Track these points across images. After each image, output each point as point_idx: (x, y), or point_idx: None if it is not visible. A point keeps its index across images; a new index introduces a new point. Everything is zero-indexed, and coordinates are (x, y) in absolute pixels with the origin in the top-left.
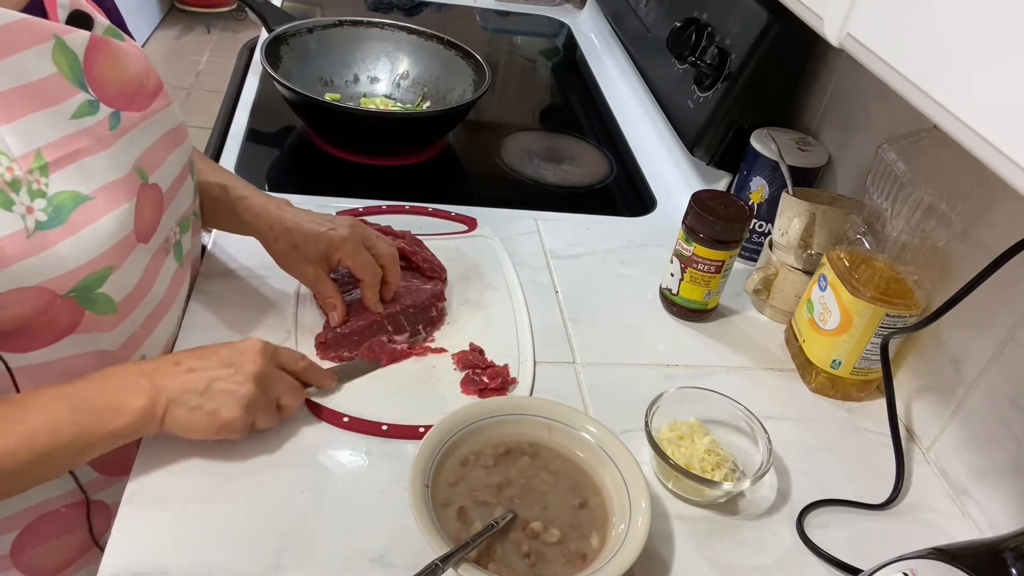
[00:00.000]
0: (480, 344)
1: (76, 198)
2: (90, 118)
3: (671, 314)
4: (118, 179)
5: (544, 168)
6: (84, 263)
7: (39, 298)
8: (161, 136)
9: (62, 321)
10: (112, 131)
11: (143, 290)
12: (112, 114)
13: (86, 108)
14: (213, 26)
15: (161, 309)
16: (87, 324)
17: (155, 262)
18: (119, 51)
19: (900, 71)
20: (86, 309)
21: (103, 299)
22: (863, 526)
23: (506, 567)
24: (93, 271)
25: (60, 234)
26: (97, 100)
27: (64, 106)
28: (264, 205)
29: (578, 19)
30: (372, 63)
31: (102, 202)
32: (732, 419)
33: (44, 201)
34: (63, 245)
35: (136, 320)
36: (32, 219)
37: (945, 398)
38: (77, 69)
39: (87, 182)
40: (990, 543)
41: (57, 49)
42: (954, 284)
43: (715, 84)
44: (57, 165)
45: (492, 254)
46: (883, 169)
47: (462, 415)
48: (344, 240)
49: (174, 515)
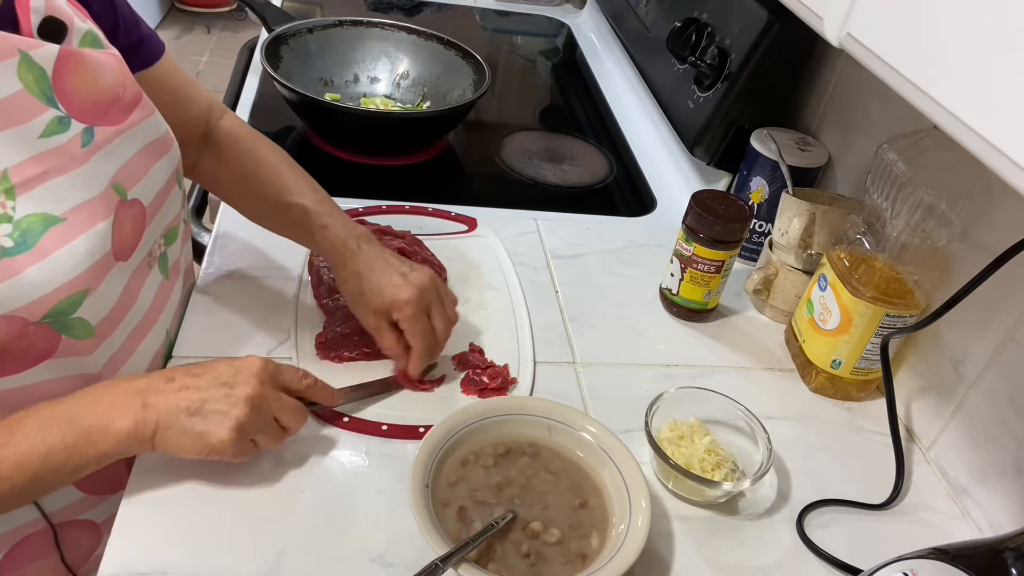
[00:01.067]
0: (480, 344)
1: (46, 220)
2: (60, 136)
3: (671, 314)
4: (93, 198)
5: (544, 168)
6: (56, 288)
7: (10, 326)
8: (141, 149)
9: (39, 347)
10: (85, 148)
11: (123, 309)
12: (85, 130)
13: (55, 126)
14: (213, 26)
15: (145, 325)
16: (64, 349)
17: (136, 279)
18: (92, 63)
19: (900, 71)
20: (62, 334)
21: (79, 323)
22: (863, 526)
23: (506, 567)
24: (66, 295)
25: (28, 259)
26: (68, 116)
27: (32, 124)
28: (344, 240)
29: (578, 19)
30: (372, 63)
31: (74, 223)
32: (732, 419)
33: (10, 226)
34: (32, 271)
35: (116, 341)
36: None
37: (945, 398)
38: (45, 85)
39: (58, 203)
40: (990, 543)
41: (23, 65)
42: (954, 284)
43: (715, 84)
44: (25, 187)
45: (492, 254)
46: (883, 169)
47: (462, 415)
48: (406, 303)
49: (174, 515)
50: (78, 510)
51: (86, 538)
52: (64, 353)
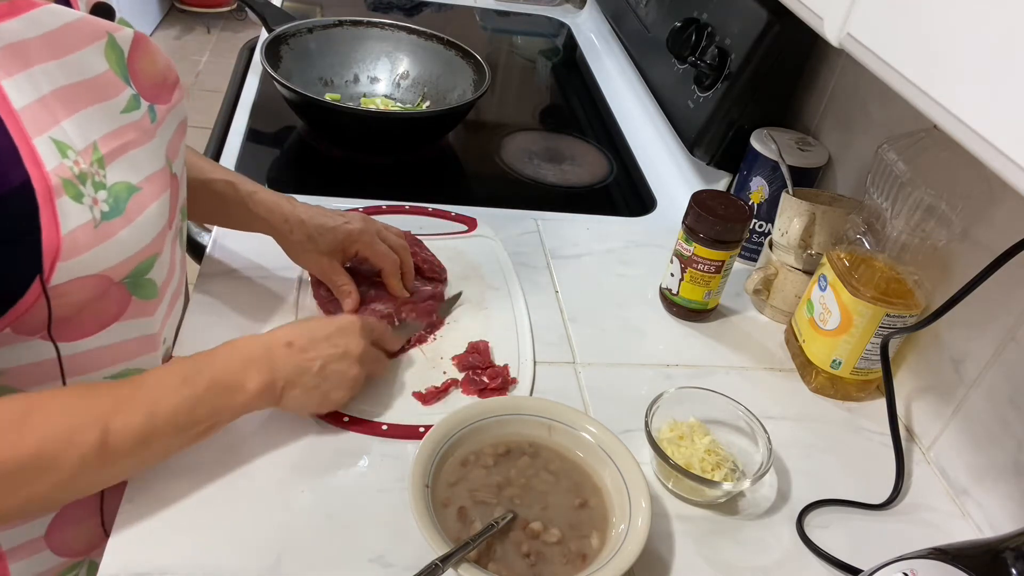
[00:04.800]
0: (480, 344)
1: (129, 188)
2: (136, 112)
3: (671, 314)
4: (158, 170)
5: (544, 168)
6: (139, 250)
7: (98, 286)
8: (177, 126)
9: (111, 309)
10: (152, 124)
11: (172, 274)
12: (149, 107)
13: (133, 103)
14: (213, 26)
15: (178, 292)
16: (132, 310)
17: (174, 246)
18: (152, 46)
19: (900, 71)
20: (133, 295)
21: (149, 284)
22: (863, 526)
23: (506, 567)
24: (145, 257)
25: (120, 223)
26: (138, 95)
27: (115, 101)
28: (276, 199)
29: (578, 19)
30: (372, 63)
31: (148, 192)
32: (732, 419)
33: (105, 192)
34: (123, 233)
35: (166, 303)
36: (98, 210)
37: (945, 398)
38: (123, 65)
39: (136, 173)
40: (990, 543)
41: (109, 46)
42: (954, 284)
43: (715, 84)
44: (111, 157)
45: (492, 254)
46: (883, 169)
47: (462, 415)
48: (361, 232)
49: (174, 515)
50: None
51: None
52: (132, 315)
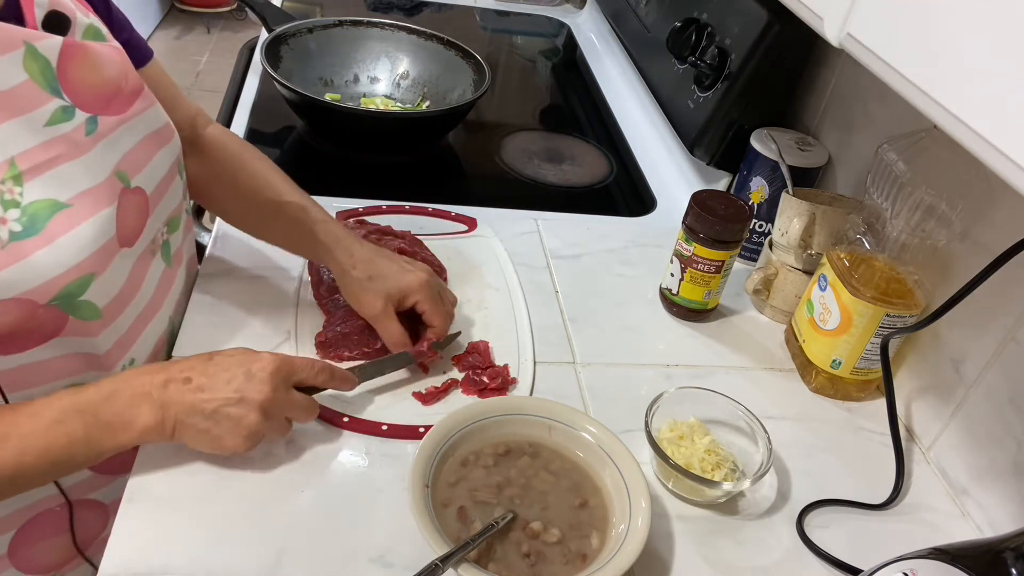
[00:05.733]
0: (480, 344)
1: (53, 206)
2: (66, 124)
3: (671, 314)
4: (96, 184)
5: (544, 168)
6: (63, 271)
7: (20, 308)
8: (143, 138)
9: (47, 327)
10: (89, 136)
11: (129, 294)
12: (89, 119)
13: (60, 114)
14: (213, 26)
15: (150, 311)
16: (71, 329)
17: (141, 265)
18: (94, 54)
19: (900, 71)
20: (70, 315)
21: (87, 306)
22: (863, 526)
23: (506, 567)
24: (74, 278)
25: (36, 243)
26: (72, 106)
27: (37, 113)
28: (344, 233)
29: (578, 19)
30: (372, 63)
31: (80, 209)
32: (732, 419)
33: (18, 211)
34: (40, 254)
35: (122, 325)
36: (5, 230)
37: (945, 398)
38: (50, 75)
39: (64, 189)
40: (990, 543)
41: (28, 56)
42: (954, 284)
43: (715, 84)
44: (32, 173)
45: (492, 254)
46: (883, 169)
47: (462, 415)
48: (423, 285)
49: (174, 515)
50: (88, 488)
51: (95, 518)
52: (71, 333)
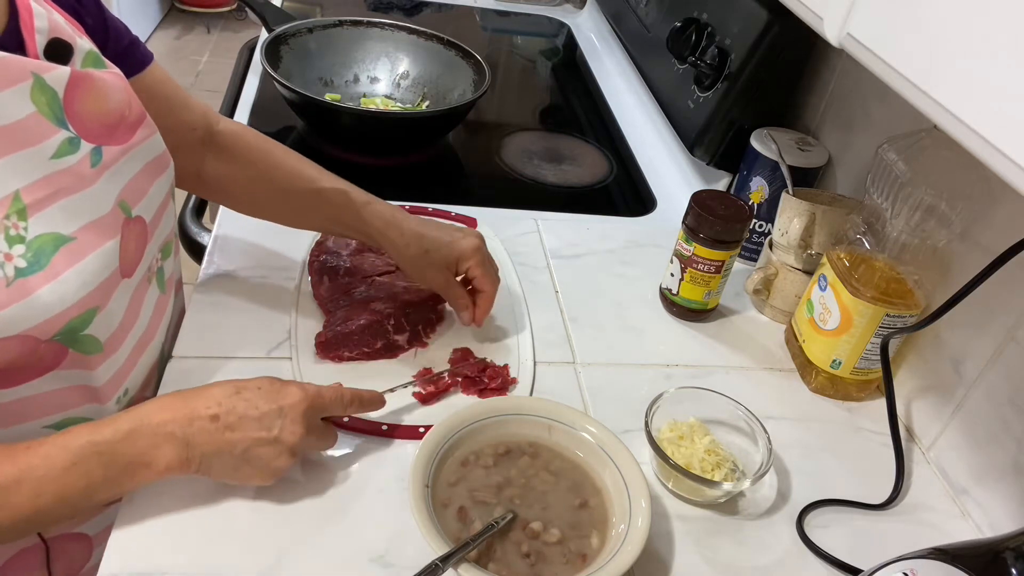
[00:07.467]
0: (480, 345)
1: (57, 240)
2: (71, 157)
3: (671, 314)
4: (101, 216)
5: (544, 168)
6: (68, 307)
7: (22, 346)
8: (144, 166)
9: (45, 360)
10: (94, 168)
11: (128, 325)
12: (93, 150)
13: (66, 147)
14: (213, 26)
15: (145, 339)
16: (71, 362)
17: (138, 294)
18: (100, 84)
19: (900, 71)
20: (70, 348)
21: (89, 340)
22: (863, 526)
23: (506, 567)
24: (77, 314)
25: (41, 279)
26: (78, 137)
27: (43, 146)
28: (391, 212)
29: (578, 19)
30: (372, 63)
31: (84, 242)
32: (732, 419)
33: (23, 247)
34: (45, 291)
35: (121, 356)
36: (11, 266)
37: (945, 398)
38: (57, 107)
39: (68, 223)
40: (990, 543)
41: (36, 88)
42: (954, 284)
43: (715, 84)
44: (36, 207)
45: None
46: (883, 169)
47: (462, 415)
48: (475, 250)
49: (174, 515)
50: (73, 523)
51: (78, 551)
52: (69, 366)
